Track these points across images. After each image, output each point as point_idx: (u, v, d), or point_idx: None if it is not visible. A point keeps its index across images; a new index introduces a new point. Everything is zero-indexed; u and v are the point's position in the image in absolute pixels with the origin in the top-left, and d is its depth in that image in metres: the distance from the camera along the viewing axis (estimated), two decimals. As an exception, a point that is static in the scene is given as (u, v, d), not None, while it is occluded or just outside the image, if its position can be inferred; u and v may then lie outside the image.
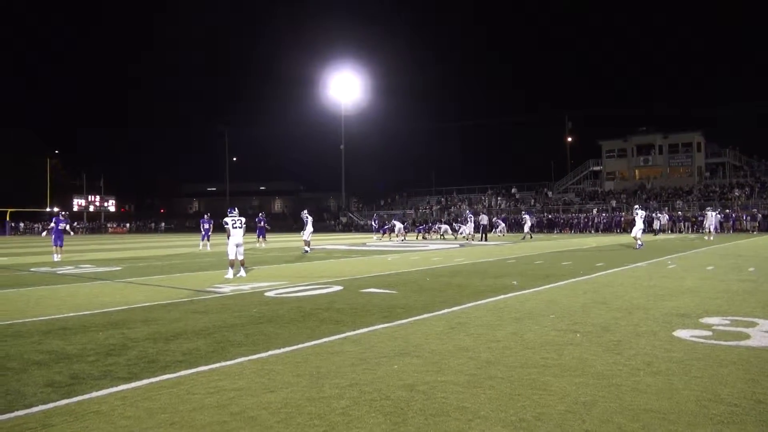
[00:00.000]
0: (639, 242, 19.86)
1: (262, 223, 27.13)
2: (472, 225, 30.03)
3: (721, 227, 37.35)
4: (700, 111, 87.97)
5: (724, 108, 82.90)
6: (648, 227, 34.86)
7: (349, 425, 3.27)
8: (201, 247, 23.40)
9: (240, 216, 11.77)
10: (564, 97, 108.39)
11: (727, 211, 40.99)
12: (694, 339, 5.33)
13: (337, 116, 66.33)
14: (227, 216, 11.59)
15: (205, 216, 24.78)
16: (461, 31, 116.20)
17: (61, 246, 18.19)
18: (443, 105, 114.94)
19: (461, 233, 31.49)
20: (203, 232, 23.68)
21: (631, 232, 20.45)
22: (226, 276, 11.28)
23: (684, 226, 40.76)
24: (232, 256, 11.35)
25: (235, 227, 11.41)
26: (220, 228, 14.67)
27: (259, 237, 26.35)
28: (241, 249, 11.52)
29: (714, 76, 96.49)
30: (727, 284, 9.42)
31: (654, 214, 39.72)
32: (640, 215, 20.42)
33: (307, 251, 19.33)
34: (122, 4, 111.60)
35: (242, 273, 11.49)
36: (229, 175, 79.53)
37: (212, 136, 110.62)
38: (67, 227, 19.15)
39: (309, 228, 19.88)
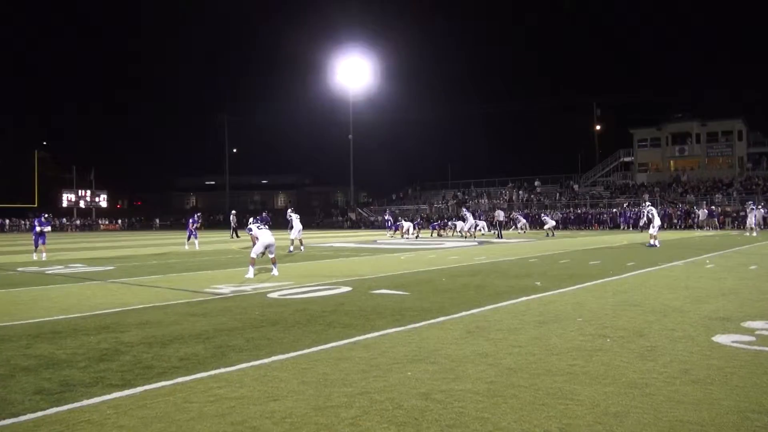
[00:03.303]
0: (653, 240, 19.48)
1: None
2: (472, 222, 30.20)
3: (765, 223, 36.94)
4: (742, 96, 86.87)
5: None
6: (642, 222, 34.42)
7: (358, 436, 3.27)
8: (187, 246, 23.51)
9: (264, 219, 12.39)
10: (592, 82, 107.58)
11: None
12: (735, 345, 5.28)
13: (345, 104, 66.52)
14: (251, 224, 12.18)
15: (195, 216, 25.09)
16: (480, 13, 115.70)
17: (44, 243, 18.31)
18: (460, 91, 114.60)
19: (459, 230, 31.62)
20: (190, 231, 23.81)
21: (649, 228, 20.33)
22: (247, 275, 11.44)
23: (719, 222, 40.28)
24: (254, 255, 11.71)
25: (261, 228, 11.92)
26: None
27: None
28: (273, 248, 11.91)
29: (757, 58, 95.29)
30: (772, 285, 9.32)
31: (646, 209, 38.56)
32: (654, 211, 20.22)
33: (291, 251, 19.30)
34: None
35: (274, 272, 11.82)
36: (229, 167, 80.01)
37: (211, 126, 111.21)
38: (48, 228, 19.17)
39: (297, 226, 19.89)
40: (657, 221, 20.09)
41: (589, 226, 45.36)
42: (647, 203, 23.43)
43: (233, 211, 37.64)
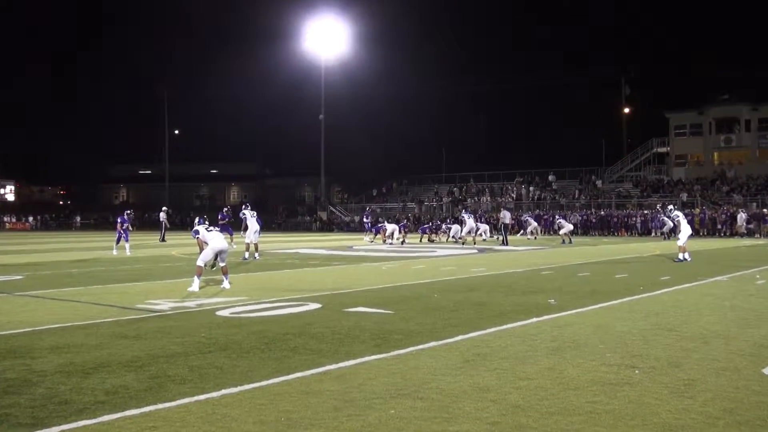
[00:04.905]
0: (684, 254, 19.38)
1: (226, 219, 27.53)
2: (471, 226, 30.33)
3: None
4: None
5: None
6: (667, 230, 34.89)
7: (329, 490, 3.27)
8: (116, 251, 23.38)
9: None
10: (619, 54, 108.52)
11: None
12: (790, 378, 5.35)
13: (315, 77, 66.18)
14: (197, 225, 12.26)
15: (126, 214, 24.98)
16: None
17: None
18: (458, 63, 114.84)
19: (453, 235, 31.79)
20: (120, 232, 23.63)
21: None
22: (190, 288, 11.42)
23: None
24: (201, 262, 11.74)
25: (210, 230, 12.11)
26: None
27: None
28: (225, 255, 12.05)
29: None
30: (835, 306, 9.48)
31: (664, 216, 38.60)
32: (682, 217, 20.38)
33: (246, 258, 19.20)
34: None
35: (225, 284, 11.87)
36: (169, 154, 79.41)
37: (148, 104, 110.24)
38: None
39: (253, 226, 19.67)
40: (686, 229, 20.06)
41: (615, 232, 45.73)
42: (670, 206, 23.62)
43: (164, 209, 37.49)
